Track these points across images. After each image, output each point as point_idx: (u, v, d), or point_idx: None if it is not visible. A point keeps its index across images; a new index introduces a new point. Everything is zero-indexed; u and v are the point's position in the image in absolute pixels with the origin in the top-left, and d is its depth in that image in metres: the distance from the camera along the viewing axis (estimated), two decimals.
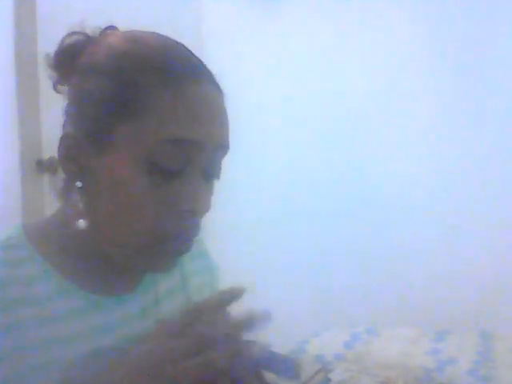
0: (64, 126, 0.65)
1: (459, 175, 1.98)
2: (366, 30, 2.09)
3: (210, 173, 0.64)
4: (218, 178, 0.67)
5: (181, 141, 0.59)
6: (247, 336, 0.56)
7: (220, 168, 0.66)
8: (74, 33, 0.67)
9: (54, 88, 0.68)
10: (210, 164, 0.63)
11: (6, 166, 1.48)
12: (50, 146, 0.66)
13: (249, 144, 2.13)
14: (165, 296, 0.73)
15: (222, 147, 0.64)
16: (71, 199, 0.64)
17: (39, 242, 0.64)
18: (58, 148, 0.63)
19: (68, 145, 0.63)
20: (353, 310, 2.00)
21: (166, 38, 0.66)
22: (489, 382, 1.29)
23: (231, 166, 0.73)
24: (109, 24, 0.69)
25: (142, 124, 0.59)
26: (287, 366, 0.56)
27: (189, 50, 0.66)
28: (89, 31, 0.68)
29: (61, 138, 0.63)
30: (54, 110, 0.67)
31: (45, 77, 0.68)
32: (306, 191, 2.20)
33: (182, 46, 0.66)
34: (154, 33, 0.66)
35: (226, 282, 0.90)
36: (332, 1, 2.13)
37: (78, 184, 0.63)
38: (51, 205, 0.72)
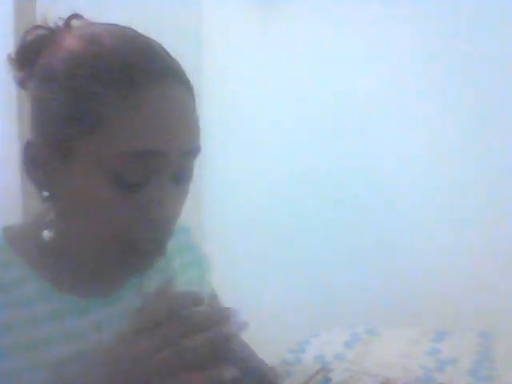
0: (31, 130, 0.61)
1: (460, 174, 1.98)
2: (368, 30, 2.09)
3: (180, 177, 0.61)
4: (191, 179, 0.64)
5: (143, 153, 0.56)
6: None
7: (192, 170, 0.63)
8: (35, 27, 0.64)
9: (21, 87, 0.64)
10: (178, 170, 0.60)
11: (6, 165, 1.48)
12: None
13: (248, 144, 2.13)
14: None
15: (191, 152, 0.61)
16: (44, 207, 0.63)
17: (19, 245, 0.63)
18: (22, 156, 0.60)
19: (31, 153, 0.60)
20: (353, 310, 2.00)
21: (128, 36, 0.61)
22: (489, 382, 1.29)
23: (231, 166, 0.73)
24: (74, 13, 0.64)
25: (101, 137, 0.56)
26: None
27: (154, 47, 0.60)
28: (52, 24, 0.64)
29: (24, 146, 0.60)
30: None
31: None
32: (305, 191, 2.20)
33: (147, 43, 0.61)
34: (116, 29, 0.61)
35: (226, 282, 0.90)
36: (333, 2, 2.12)
37: (45, 194, 0.61)
38: None
